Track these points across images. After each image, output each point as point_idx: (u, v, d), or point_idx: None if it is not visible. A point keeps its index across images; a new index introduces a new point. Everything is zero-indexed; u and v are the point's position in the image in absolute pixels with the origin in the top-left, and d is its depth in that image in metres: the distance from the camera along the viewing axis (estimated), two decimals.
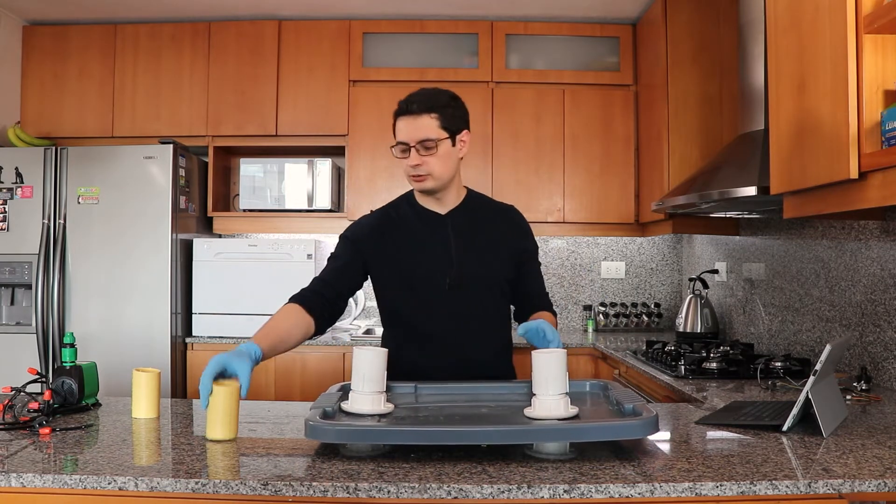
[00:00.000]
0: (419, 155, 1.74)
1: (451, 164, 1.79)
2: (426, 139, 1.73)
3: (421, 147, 1.74)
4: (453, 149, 1.79)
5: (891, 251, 2.16)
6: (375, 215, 1.92)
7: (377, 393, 1.47)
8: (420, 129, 1.74)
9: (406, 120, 1.75)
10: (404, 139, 1.75)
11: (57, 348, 3.32)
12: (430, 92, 1.79)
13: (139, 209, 3.36)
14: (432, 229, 1.84)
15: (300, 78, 3.78)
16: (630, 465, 1.30)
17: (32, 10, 3.72)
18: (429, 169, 1.76)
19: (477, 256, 1.83)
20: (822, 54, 1.73)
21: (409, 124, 1.74)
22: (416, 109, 1.74)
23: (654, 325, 3.96)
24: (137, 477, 1.22)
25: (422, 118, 1.74)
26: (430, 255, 1.82)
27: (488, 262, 1.84)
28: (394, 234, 1.86)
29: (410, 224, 1.86)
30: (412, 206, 1.89)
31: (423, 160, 1.75)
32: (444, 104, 1.76)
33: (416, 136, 1.74)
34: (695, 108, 3.34)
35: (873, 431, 1.57)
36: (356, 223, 1.93)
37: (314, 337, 1.82)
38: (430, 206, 1.87)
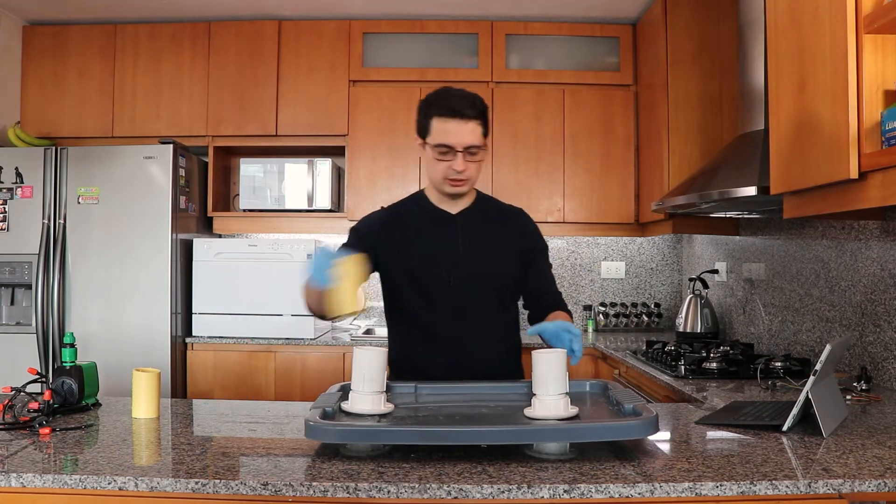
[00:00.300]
0: (465, 161, 1.73)
1: (481, 170, 1.82)
2: (473, 145, 1.73)
3: (467, 153, 1.73)
4: (486, 154, 1.80)
5: (891, 251, 2.16)
6: (385, 211, 1.93)
7: (377, 393, 1.47)
8: (468, 135, 1.72)
9: (455, 123, 1.72)
10: (450, 142, 1.72)
11: (57, 348, 3.32)
12: (471, 95, 1.76)
13: (139, 209, 3.36)
14: (442, 228, 1.85)
15: (300, 78, 3.78)
16: (630, 465, 1.30)
17: (32, 10, 3.71)
18: (469, 174, 1.76)
19: (483, 256, 1.83)
20: (822, 54, 1.73)
21: (459, 128, 1.71)
22: (469, 115, 1.72)
23: (654, 325, 3.96)
24: (137, 477, 1.22)
25: (470, 124, 1.72)
26: (437, 252, 1.83)
27: (494, 263, 1.84)
28: (403, 231, 1.86)
29: (420, 222, 1.86)
30: (422, 205, 1.89)
31: (467, 166, 1.74)
32: (485, 110, 1.76)
33: (464, 142, 1.72)
34: (695, 108, 3.33)
35: (873, 431, 1.57)
36: (366, 217, 1.93)
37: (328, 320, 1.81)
38: (442, 206, 1.87)
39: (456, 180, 1.76)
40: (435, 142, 1.74)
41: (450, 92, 1.77)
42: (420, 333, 1.86)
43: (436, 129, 1.74)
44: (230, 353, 3.45)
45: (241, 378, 3.44)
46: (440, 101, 1.75)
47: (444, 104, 1.73)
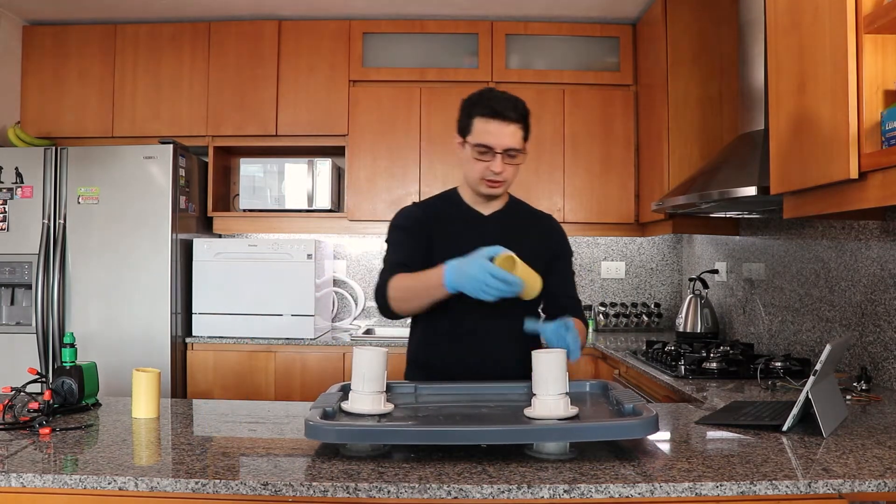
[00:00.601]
0: (503, 163, 1.74)
1: (517, 174, 1.82)
2: (513, 148, 1.74)
3: (506, 155, 1.74)
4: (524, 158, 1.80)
5: (891, 251, 2.16)
6: (419, 206, 1.91)
7: (377, 393, 1.47)
8: (510, 137, 1.73)
9: (497, 124, 1.72)
10: (490, 143, 1.73)
11: (57, 348, 3.32)
12: (514, 99, 1.77)
13: (139, 209, 3.36)
14: (473, 227, 1.85)
15: (300, 78, 3.78)
16: (630, 465, 1.30)
17: (32, 10, 3.72)
18: (506, 176, 1.77)
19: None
20: (822, 54, 1.73)
21: (501, 130, 1.72)
22: (512, 117, 1.73)
23: (654, 325, 3.96)
24: (137, 477, 1.22)
25: (512, 126, 1.73)
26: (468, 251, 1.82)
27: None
28: (436, 228, 1.85)
29: (453, 220, 1.87)
30: (455, 204, 1.89)
31: (505, 168, 1.75)
32: (527, 115, 1.77)
33: (505, 143, 1.73)
34: (695, 108, 3.34)
35: (873, 431, 1.57)
36: (403, 214, 1.90)
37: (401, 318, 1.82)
38: (476, 206, 1.88)
39: (493, 181, 1.77)
40: (475, 141, 1.75)
41: (494, 93, 1.78)
42: (446, 332, 1.84)
43: (477, 129, 1.75)
44: (230, 353, 3.45)
45: (241, 378, 3.44)
46: (484, 101, 1.75)
47: (487, 105, 1.74)
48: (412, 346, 1.94)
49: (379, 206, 3.76)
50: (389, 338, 3.57)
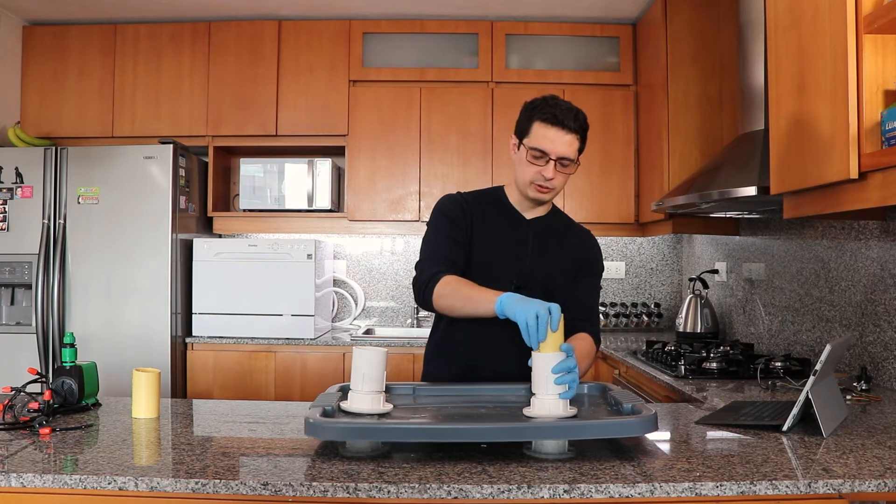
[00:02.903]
0: (555, 170, 1.76)
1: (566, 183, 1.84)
2: (566, 158, 1.75)
3: (558, 163, 1.75)
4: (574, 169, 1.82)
5: (891, 251, 2.16)
6: (463, 197, 1.90)
7: (376, 392, 1.47)
8: (565, 146, 1.74)
9: (555, 131, 1.74)
10: (547, 148, 1.74)
11: (57, 348, 3.32)
12: (576, 110, 1.78)
13: (139, 209, 3.36)
14: (513, 229, 1.86)
15: (300, 78, 3.78)
16: (630, 464, 1.30)
17: (32, 10, 3.72)
18: (556, 184, 1.79)
19: (546, 266, 1.84)
20: (822, 54, 1.73)
21: (558, 137, 1.74)
22: (571, 127, 1.74)
23: (654, 325, 3.96)
24: (137, 477, 1.22)
25: (570, 136, 1.75)
26: (504, 252, 1.83)
27: (553, 273, 1.84)
28: (480, 220, 1.84)
29: (495, 217, 1.86)
30: (500, 202, 1.89)
31: (557, 175, 1.77)
32: (586, 128, 1.79)
33: (559, 151, 1.74)
34: (695, 108, 3.34)
35: (873, 431, 1.57)
36: (450, 200, 1.87)
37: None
38: (520, 209, 1.88)
39: (542, 187, 1.78)
40: (532, 144, 1.76)
41: (557, 101, 1.80)
42: (475, 329, 1.83)
43: (535, 133, 1.77)
44: (230, 353, 3.45)
45: (241, 378, 3.44)
46: (547, 107, 1.77)
47: (549, 111, 1.76)
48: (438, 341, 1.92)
49: (379, 206, 3.76)
50: (389, 338, 3.57)
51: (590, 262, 1.92)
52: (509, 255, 1.83)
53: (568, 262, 1.88)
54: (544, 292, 1.81)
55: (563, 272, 1.87)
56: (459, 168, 3.73)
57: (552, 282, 1.84)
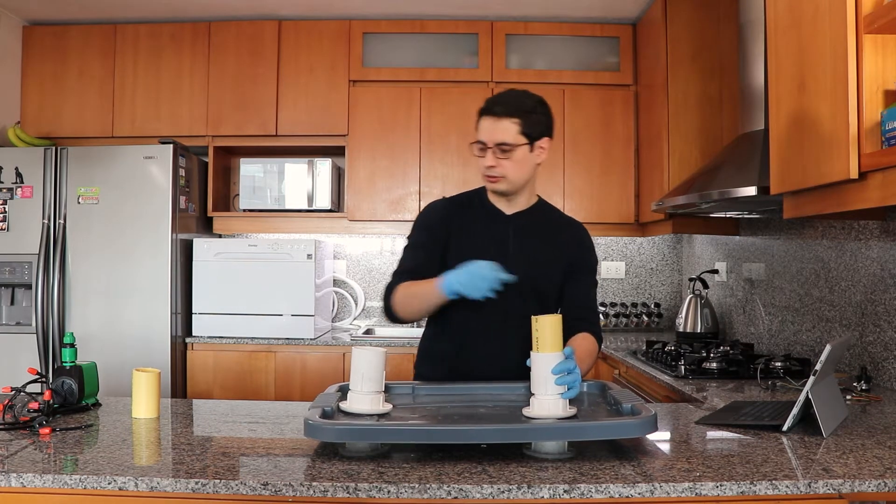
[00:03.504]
0: (495, 157, 1.76)
1: (525, 169, 1.81)
2: (503, 143, 1.75)
3: (498, 149, 1.76)
4: (530, 155, 1.80)
5: (891, 251, 2.16)
6: (447, 202, 1.93)
7: (376, 393, 1.47)
8: (499, 132, 1.75)
9: (488, 120, 1.77)
10: (483, 139, 1.78)
11: (57, 348, 3.32)
12: (517, 95, 1.80)
13: (139, 209, 3.36)
14: (494, 226, 1.86)
15: (300, 78, 3.78)
16: (630, 465, 1.29)
17: (32, 10, 3.71)
18: (503, 171, 1.78)
19: (530, 260, 1.83)
20: (822, 54, 1.73)
21: (491, 125, 1.76)
22: (500, 112, 1.76)
23: (654, 325, 3.96)
24: (137, 477, 1.22)
25: (503, 121, 1.76)
26: (486, 250, 1.82)
27: (539, 268, 1.84)
28: (460, 223, 1.87)
29: (475, 217, 1.88)
30: (481, 201, 1.91)
31: (498, 162, 1.77)
32: (528, 109, 1.78)
33: (494, 138, 1.76)
34: (695, 108, 3.34)
35: (873, 431, 1.57)
36: (430, 208, 1.93)
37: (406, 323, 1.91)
38: (498, 205, 1.89)
39: (489, 176, 1.80)
40: (476, 138, 1.81)
41: (503, 92, 1.82)
42: (461, 329, 1.85)
43: (478, 126, 1.80)
44: (230, 353, 3.45)
45: (241, 378, 3.44)
46: (488, 100, 1.80)
47: (487, 102, 1.80)
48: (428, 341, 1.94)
49: (379, 206, 3.76)
50: (389, 338, 3.57)
51: (584, 258, 1.91)
52: (490, 253, 1.81)
53: (558, 256, 1.86)
54: (533, 289, 1.82)
55: (552, 267, 1.85)
56: (459, 168, 3.73)
57: (541, 277, 1.84)
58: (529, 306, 1.81)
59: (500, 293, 1.76)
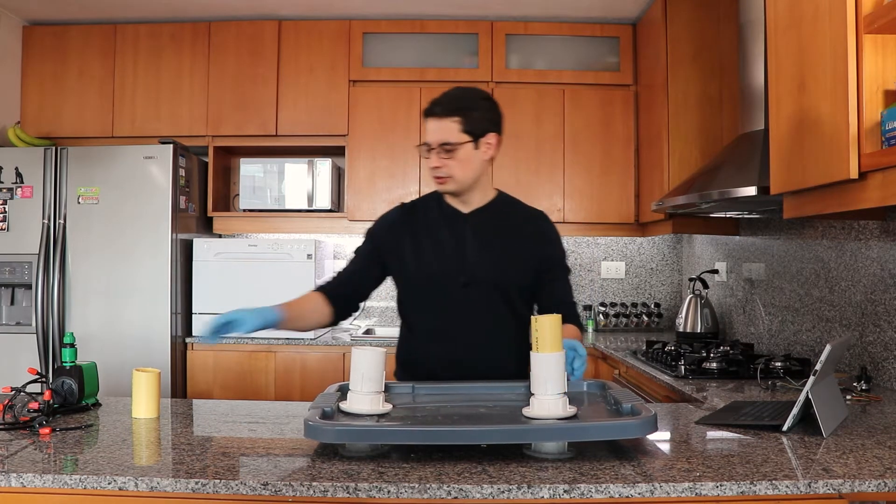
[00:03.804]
0: (439, 157, 1.76)
1: (472, 167, 1.79)
2: (446, 142, 1.75)
3: (442, 150, 1.76)
4: (476, 152, 1.78)
5: (891, 251, 2.16)
6: (400, 209, 1.94)
7: (376, 393, 1.47)
8: (441, 132, 1.75)
9: (431, 121, 1.77)
10: (427, 140, 1.78)
11: (57, 348, 3.32)
12: (458, 93, 1.79)
13: (139, 209, 3.36)
14: (451, 227, 1.85)
15: (300, 78, 3.78)
16: (630, 465, 1.29)
17: (32, 10, 3.72)
18: (449, 171, 1.77)
19: (492, 258, 1.82)
20: (822, 54, 1.73)
21: (434, 126, 1.76)
22: (439, 112, 1.75)
23: (654, 325, 3.96)
24: (137, 477, 1.22)
25: (444, 121, 1.75)
26: (445, 252, 1.83)
27: (503, 266, 1.83)
28: (413, 229, 1.87)
29: (431, 220, 1.88)
30: (438, 203, 1.90)
31: (443, 163, 1.76)
32: (470, 107, 1.77)
33: (437, 139, 1.75)
34: (695, 108, 3.34)
35: (873, 431, 1.57)
36: (381, 218, 1.96)
37: (329, 325, 1.92)
38: (454, 205, 1.88)
39: (437, 177, 1.79)
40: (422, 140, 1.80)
41: (444, 93, 1.80)
42: (427, 333, 1.86)
43: (424, 128, 1.80)
44: (230, 353, 3.45)
45: (241, 378, 3.44)
46: (430, 101, 1.79)
47: (428, 104, 1.79)
48: (399, 349, 1.96)
49: (379, 206, 3.75)
50: (389, 338, 3.57)
51: (555, 253, 1.89)
52: (449, 254, 1.83)
53: (523, 251, 1.84)
54: (496, 287, 1.82)
55: (513, 261, 1.84)
56: None
57: (503, 275, 1.83)
58: (495, 303, 1.82)
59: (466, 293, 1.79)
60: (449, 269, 1.81)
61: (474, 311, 1.81)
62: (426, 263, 1.83)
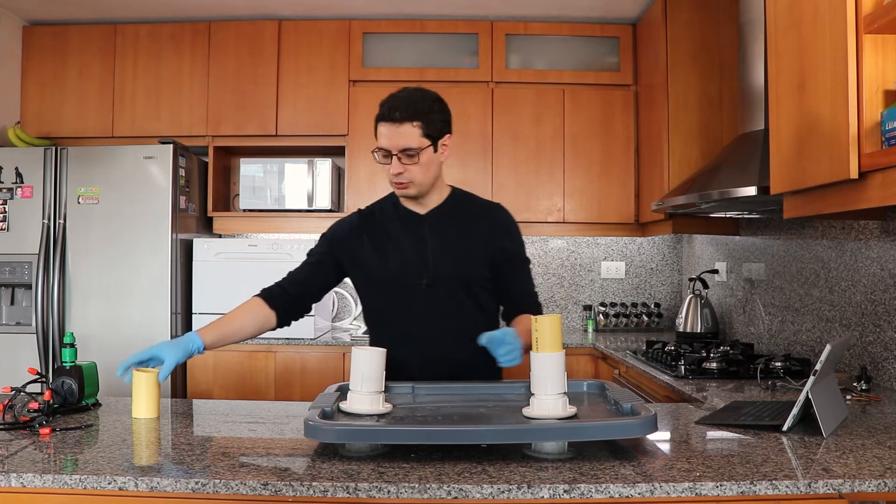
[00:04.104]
0: (401, 163, 1.73)
1: (432, 170, 1.78)
2: (408, 148, 1.72)
3: (403, 155, 1.72)
4: (435, 155, 1.78)
5: (891, 251, 2.16)
6: (357, 215, 1.94)
7: (376, 393, 1.47)
8: (402, 138, 1.71)
9: (388, 126, 1.72)
10: (386, 146, 1.73)
11: (57, 348, 3.32)
12: (412, 97, 1.74)
13: (139, 209, 3.36)
14: (410, 229, 1.85)
15: (300, 78, 3.78)
16: (630, 465, 1.29)
17: (32, 10, 3.72)
18: (410, 177, 1.75)
19: (452, 256, 1.82)
20: (822, 54, 1.73)
21: (392, 131, 1.71)
22: (398, 118, 1.71)
23: (654, 325, 3.96)
24: (137, 477, 1.22)
25: (404, 126, 1.71)
26: (406, 254, 1.83)
27: (463, 262, 1.82)
28: (372, 234, 1.87)
29: (390, 224, 1.87)
30: (395, 206, 1.90)
31: (405, 168, 1.73)
32: (427, 110, 1.73)
33: (398, 145, 1.71)
34: (695, 108, 3.34)
35: (873, 431, 1.57)
36: (338, 222, 1.96)
37: (277, 328, 1.92)
38: (411, 207, 1.87)
39: (398, 183, 1.77)
40: (377, 146, 1.76)
41: (394, 95, 1.75)
42: (395, 335, 1.84)
43: (378, 132, 1.75)
44: (230, 353, 3.45)
45: (241, 378, 3.44)
46: (382, 105, 1.74)
47: (382, 108, 1.74)
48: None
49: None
50: None
51: (513, 246, 1.88)
52: (410, 256, 1.82)
53: (477, 243, 1.83)
54: (460, 284, 1.82)
55: (472, 256, 1.83)
56: (459, 168, 3.73)
57: (466, 271, 1.82)
58: (459, 300, 1.82)
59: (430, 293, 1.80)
60: (411, 271, 1.81)
61: (440, 309, 1.81)
62: (388, 268, 1.83)
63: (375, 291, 1.88)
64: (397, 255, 1.83)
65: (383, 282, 1.84)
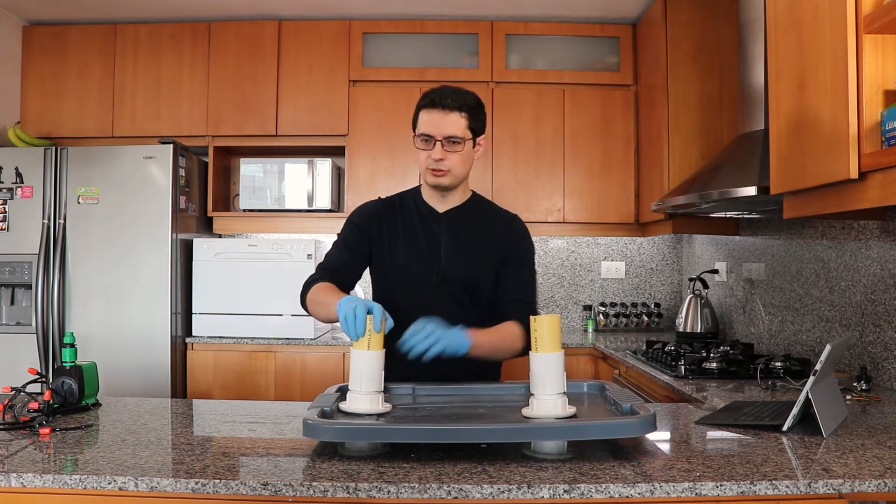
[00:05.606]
0: (443, 150, 1.76)
1: (468, 164, 1.82)
2: (453, 136, 1.76)
3: (447, 142, 1.76)
4: (472, 150, 1.82)
5: (891, 251, 2.16)
6: (380, 202, 1.94)
7: (375, 393, 1.47)
8: (449, 125, 1.75)
9: (435, 113, 1.76)
10: (430, 132, 1.76)
11: (57, 348, 3.32)
12: (460, 90, 1.80)
13: (139, 209, 3.36)
14: (427, 225, 1.86)
15: (300, 78, 3.78)
16: (630, 465, 1.29)
17: (32, 10, 3.72)
18: (450, 165, 1.78)
19: (464, 257, 1.83)
20: (822, 54, 1.73)
21: (439, 118, 1.76)
22: (449, 105, 1.75)
23: (654, 325, 3.96)
24: (137, 477, 1.22)
25: (452, 115, 1.75)
26: (420, 249, 1.84)
27: (474, 266, 1.84)
28: (392, 224, 1.88)
29: (409, 217, 1.89)
30: (414, 200, 1.91)
31: (446, 155, 1.77)
32: (473, 105, 1.79)
33: (443, 132, 1.75)
34: (695, 108, 3.34)
35: (873, 431, 1.57)
36: (362, 208, 1.94)
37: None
38: (432, 203, 1.89)
39: (436, 170, 1.78)
40: (418, 131, 1.79)
41: (442, 88, 1.80)
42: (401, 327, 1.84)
43: (420, 120, 1.79)
44: (230, 353, 3.45)
45: (241, 378, 3.44)
46: (429, 94, 1.79)
47: (430, 97, 1.78)
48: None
49: None
50: None
51: (514, 248, 1.88)
52: (424, 252, 1.83)
53: (490, 249, 1.85)
54: (464, 286, 1.83)
55: (484, 261, 1.84)
56: None
57: (473, 273, 1.83)
58: (462, 301, 1.83)
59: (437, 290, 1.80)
60: (424, 267, 1.82)
61: (443, 307, 1.80)
62: (402, 261, 1.84)
63: (387, 281, 1.89)
64: (412, 249, 1.84)
65: (395, 274, 1.85)
